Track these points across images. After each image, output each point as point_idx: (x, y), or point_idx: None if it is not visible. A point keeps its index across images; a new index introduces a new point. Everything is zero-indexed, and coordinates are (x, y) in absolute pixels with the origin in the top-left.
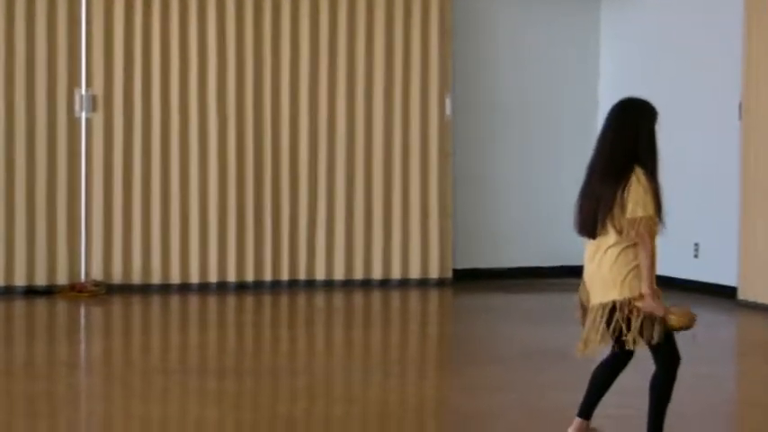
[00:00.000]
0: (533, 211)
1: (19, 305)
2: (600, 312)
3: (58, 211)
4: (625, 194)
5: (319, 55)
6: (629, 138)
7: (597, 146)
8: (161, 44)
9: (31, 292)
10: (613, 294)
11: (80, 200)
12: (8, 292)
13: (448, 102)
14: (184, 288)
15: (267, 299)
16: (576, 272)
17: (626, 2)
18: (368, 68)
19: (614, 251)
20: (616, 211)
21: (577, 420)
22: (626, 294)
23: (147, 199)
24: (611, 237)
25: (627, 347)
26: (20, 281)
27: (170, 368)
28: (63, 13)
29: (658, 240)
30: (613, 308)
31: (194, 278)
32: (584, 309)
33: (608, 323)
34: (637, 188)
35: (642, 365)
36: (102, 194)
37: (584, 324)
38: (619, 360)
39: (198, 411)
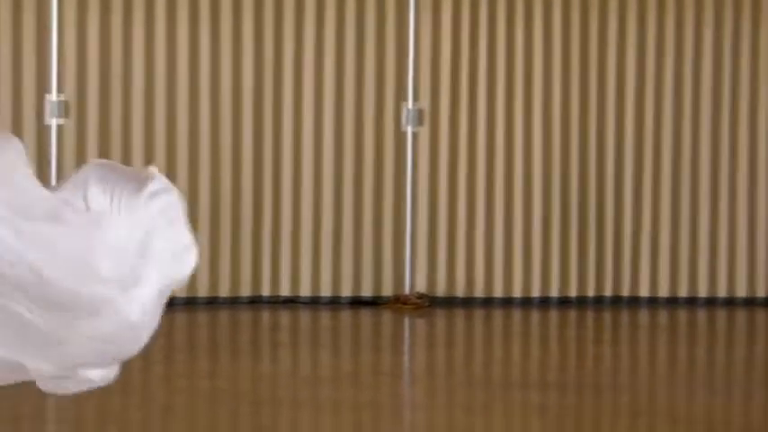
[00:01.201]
0: None
1: (345, 315)
2: None
3: (384, 223)
4: None
5: (646, 69)
6: None
7: None
8: (487, 57)
9: (356, 302)
10: None
11: (406, 213)
12: (335, 302)
13: None
14: (507, 302)
15: (590, 315)
16: None
17: None
18: (695, 85)
19: None
20: None
21: None
22: None
23: (471, 212)
24: None
25: None
26: (346, 292)
27: (493, 381)
28: (391, 27)
29: None
30: None
31: (517, 292)
32: None
33: None
34: None
35: None
36: (427, 208)
37: None
38: None
39: (521, 424)
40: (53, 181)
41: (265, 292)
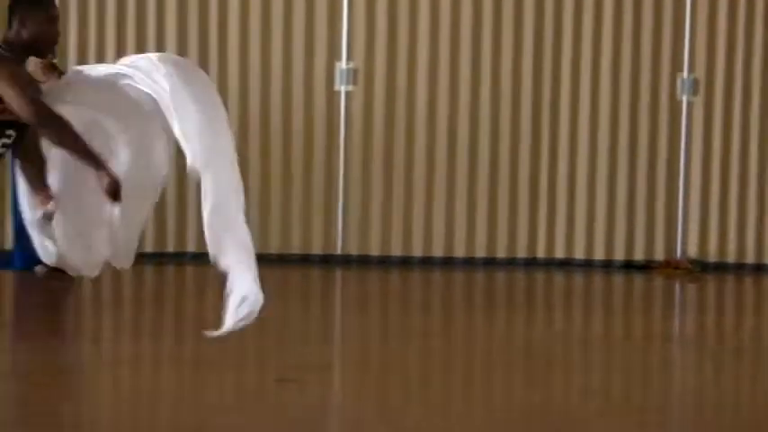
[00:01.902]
0: None
1: (617, 279)
2: None
3: (657, 189)
4: None
5: None
6: None
7: None
8: (764, 29)
9: (629, 266)
10: None
11: (679, 179)
12: (608, 265)
13: None
14: None
15: None
16: None
17: None
18: None
19: None
20: None
21: None
22: None
23: (743, 179)
24: None
25: None
26: (619, 255)
27: (763, 348)
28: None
29: None
30: None
31: None
32: None
33: None
34: None
35: None
36: (700, 174)
37: None
38: None
39: None
40: (341, 144)
41: (540, 254)
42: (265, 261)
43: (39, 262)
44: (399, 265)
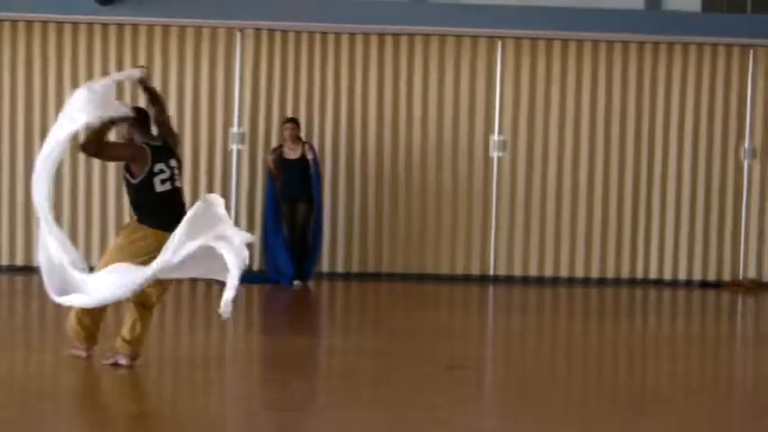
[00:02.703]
0: None
1: (696, 294)
2: None
3: (725, 226)
4: None
5: None
6: None
7: None
8: None
9: (704, 284)
10: None
11: (741, 218)
12: (689, 284)
13: None
14: None
15: None
16: None
17: None
18: None
19: None
20: None
21: None
22: None
23: None
24: None
25: None
26: (697, 276)
27: None
28: (735, 76)
29: None
30: None
31: None
32: None
33: None
34: None
35: None
36: (757, 214)
37: None
38: None
39: None
40: (494, 195)
41: (639, 275)
42: (437, 280)
43: (292, 277)
44: (536, 283)
